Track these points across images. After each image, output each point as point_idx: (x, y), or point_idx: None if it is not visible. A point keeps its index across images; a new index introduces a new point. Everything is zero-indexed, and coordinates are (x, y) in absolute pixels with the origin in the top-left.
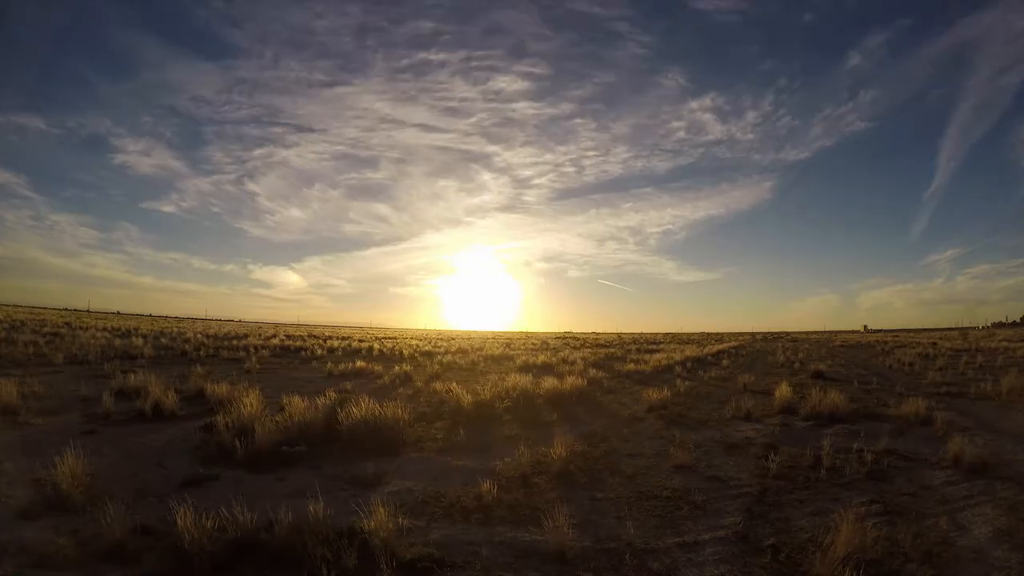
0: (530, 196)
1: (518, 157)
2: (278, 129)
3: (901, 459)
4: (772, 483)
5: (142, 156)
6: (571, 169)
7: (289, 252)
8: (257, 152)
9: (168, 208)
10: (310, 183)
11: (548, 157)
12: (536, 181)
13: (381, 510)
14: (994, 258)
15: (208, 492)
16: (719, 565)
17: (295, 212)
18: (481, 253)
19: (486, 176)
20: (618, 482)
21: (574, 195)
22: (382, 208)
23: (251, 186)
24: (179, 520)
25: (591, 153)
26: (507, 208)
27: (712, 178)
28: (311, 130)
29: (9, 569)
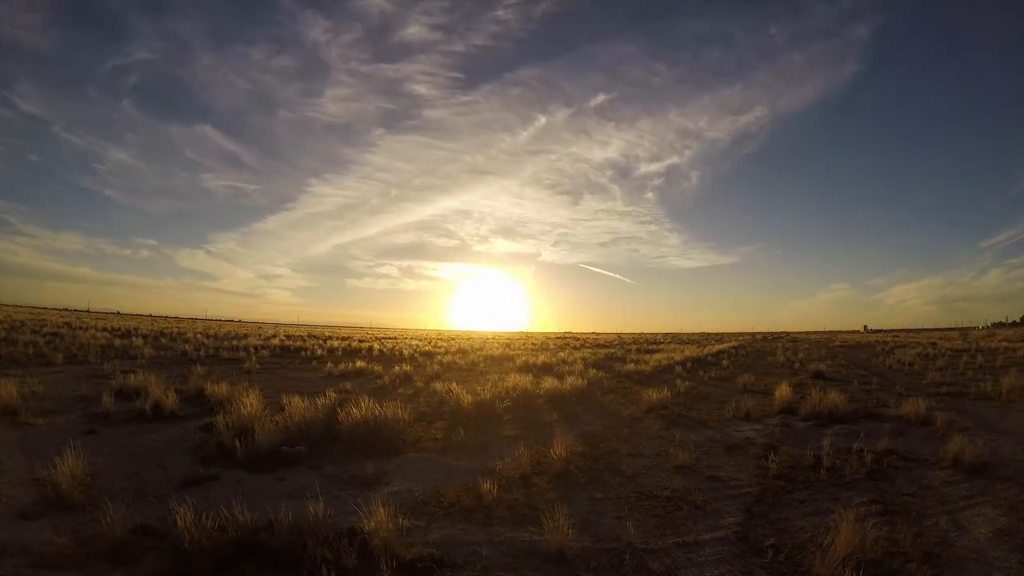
0: (418, 85)
1: None
2: None
3: (901, 459)
4: (772, 483)
5: None
6: None
7: (180, 226)
8: None
9: None
10: (70, 87)
11: None
12: (409, 31)
13: (381, 510)
14: None
15: (208, 492)
16: (719, 565)
17: (119, 154)
18: (408, 219)
19: (311, 28)
20: (618, 482)
21: (491, 69)
22: (212, 133)
23: (15, 100)
24: (179, 520)
25: None
26: (391, 119)
27: (753, 15)
28: None
29: (9, 569)
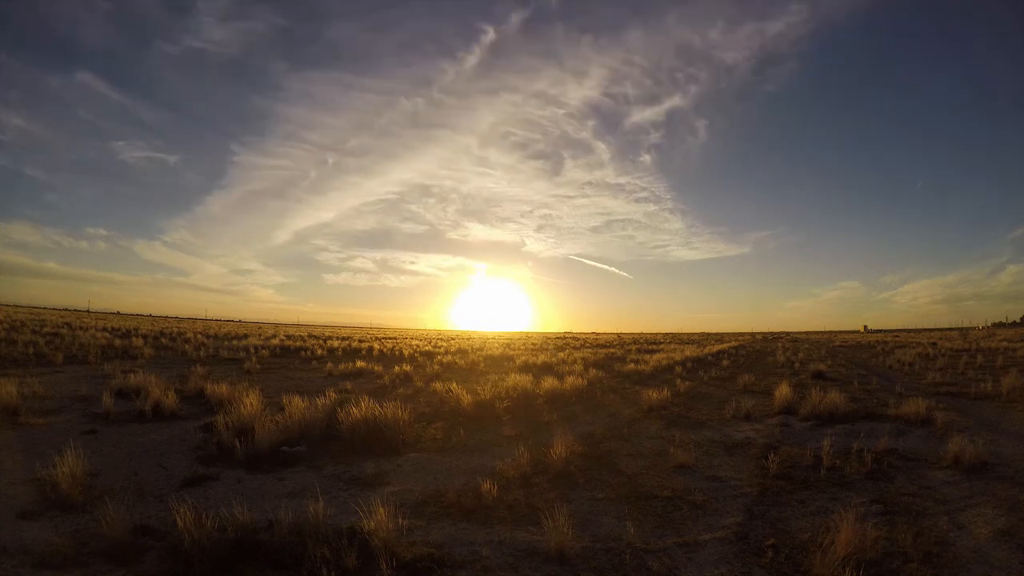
0: None
1: None
2: None
3: (901, 459)
4: (772, 483)
5: None
6: None
7: (122, 212)
8: None
9: None
10: None
11: None
12: None
13: (381, 510)
14: None
15: (208, 492)
16: (719, 565)
17: (13, 119)
18: (361, 198)
19: None
20: (618, 482)
21: None
22: (95, 83)
23: None
24: (179, 520)
25: None
26: (290, 45)
27: None
28: None
29: (9, 569)
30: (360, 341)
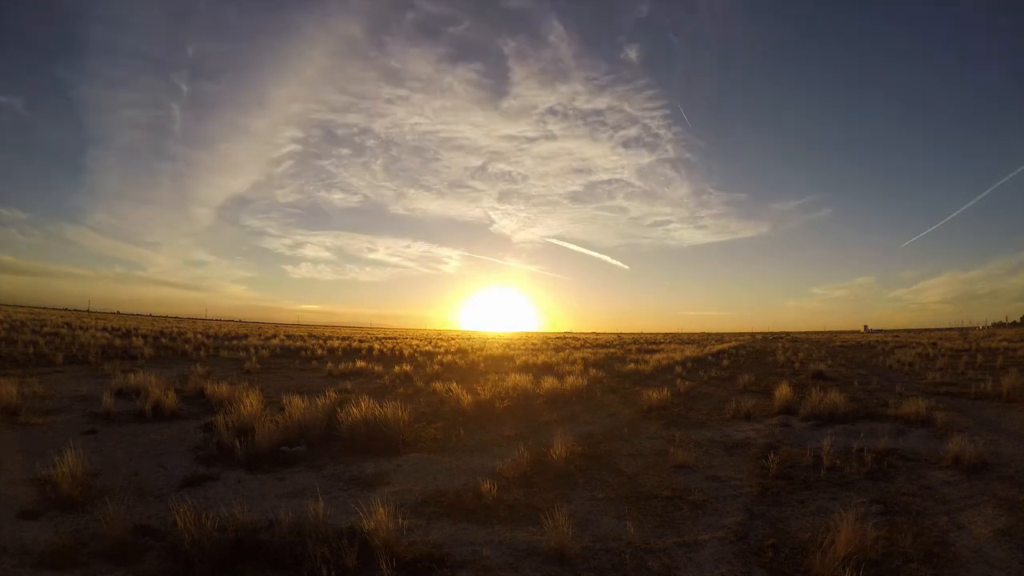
0: None
1: None
2: None
3: (901, 459)
4: (772, 483)
5: None
6: None
7: (15, 184)
8: None
9: None
10: None
11: None
12: None
13: (381, 510)
14: None
15: (208, 492)
16: (719, 565)
17: None
18: (262, 153)
19: None
20: (618, 482)
21: None
22: None
23: None
24: (179, 520)
25: None
26: None
27: None
28: None
29: (9, 568)
30: (360, 341)
